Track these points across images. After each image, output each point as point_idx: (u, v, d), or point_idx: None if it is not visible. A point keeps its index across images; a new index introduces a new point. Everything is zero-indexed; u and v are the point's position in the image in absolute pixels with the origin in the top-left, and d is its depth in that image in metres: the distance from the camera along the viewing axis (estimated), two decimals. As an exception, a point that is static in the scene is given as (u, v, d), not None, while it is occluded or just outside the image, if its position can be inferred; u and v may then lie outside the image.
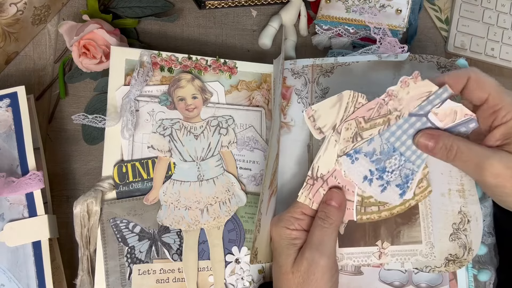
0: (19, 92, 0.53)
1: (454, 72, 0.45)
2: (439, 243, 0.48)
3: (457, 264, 0.47)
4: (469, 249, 0.47)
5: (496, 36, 0.63)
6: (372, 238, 0.48)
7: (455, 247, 0.47)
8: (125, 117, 0.52)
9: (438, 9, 0.65)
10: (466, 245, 0.47)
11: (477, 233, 0.47)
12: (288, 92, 0.54)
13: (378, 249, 0.48)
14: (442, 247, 0.48)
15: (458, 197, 0.48)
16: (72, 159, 0.58)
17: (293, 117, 0.54)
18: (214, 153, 0.53)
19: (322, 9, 0.60)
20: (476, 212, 0.48)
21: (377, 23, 0.56)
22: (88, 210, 0.50)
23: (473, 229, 0.47)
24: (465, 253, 0.47)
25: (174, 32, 0.63)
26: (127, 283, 0.50)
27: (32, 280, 0.49)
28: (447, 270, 0.47)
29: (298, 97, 0.54)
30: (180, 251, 0.51)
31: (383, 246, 0.48)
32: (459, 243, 0.47)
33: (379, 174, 0.47)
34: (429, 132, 0.44)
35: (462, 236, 0.47)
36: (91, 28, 0.54)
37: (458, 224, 0.48)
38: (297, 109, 0.54)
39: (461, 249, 0.47)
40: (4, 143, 0.52)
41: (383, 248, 0.48)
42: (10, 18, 0.54)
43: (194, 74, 0.55)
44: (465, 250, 0.47)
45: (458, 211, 0.48)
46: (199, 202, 0.52)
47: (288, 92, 0.54)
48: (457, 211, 0.48)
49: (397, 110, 0.45)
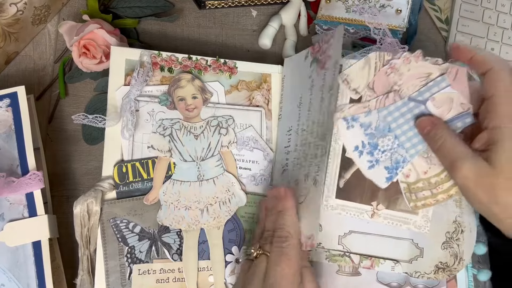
0: (19, 92, 0.53)
1: (481, 56, 0.44)
2: (430, 250, 0.48)
3: (447, 272, 0.47)
4: (460, 258, 0.47)
5: (496, 36, 0.63)
6: (369, 198, 0.48)
7: (446, 255, 0.48)
8: (125, 117, 0.52)
9: (438, 9, 0.65)
10: (457, 255, 0.47)
11: (469, 244, 0.48)
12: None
13: (372, 209, 0.48)
14: (433, 255, 0.48)
15: (454, 207, 0.48)
16: (72, 159, 0.58)
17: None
18: (214, 153, 0.53)
19: (322, 9, 0.60)
20: (470, 223, 0.48)
21: (377, 23, 0.56)
22: (88, 210, 0.50)
23: (466, 239, 0.48)
24: (456, 262, 0.47)
25: (174, 32, 0.63)
26: (127, 283, 0.50)
27: (32, 280, 0.49)
28: (436, 277, 0.48)
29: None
30: (180, 251, 0.51)
31: (377, 207, 0.48)
32: (451, 252, 0.47)
33: (370, 149, 0.47)
34: (431, 118, 0.46)
35: (455, 245, 0.47)
36: (91, 28, 0.54)
37: (452, 233, 0.48)
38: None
39: (452, 258, 0.47)
40: (4, 143, 0.52)
41: (377, 209, 0.48)
42: (10, 18, 0.54)
43: (194, 74, 0.55)
44: (456, 259, 0.47)
45: (453, 220, 0.48)
46: (199, 202, 0.52)
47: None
48: (452, 220, 0.48)
49: (397, 84, 0.46)
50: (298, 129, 0.52)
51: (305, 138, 0.50)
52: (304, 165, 0.49)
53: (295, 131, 0.52)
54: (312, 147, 0.49)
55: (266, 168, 0.54)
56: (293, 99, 0.54)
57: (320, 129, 0.48)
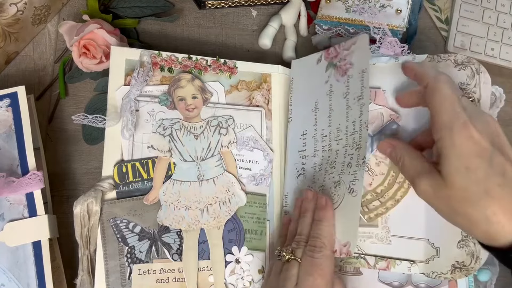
0: (19, 92, 0.53)
1: (420, 71, 0.46)
2: (446, 249, 0.47)
3: (464, 272, 0.46)
4: (477, 257, 0.46)
5: (496, 36, 0.63)
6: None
7: (462, 254, 0.47)
8: (125, 117, 0.52)
9: (438, 9, 0.65)
10: (474, 253, 0.46)
11: None
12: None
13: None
14: (449, 254, 0.47)
15: None
16: (72, 159, 0.58)
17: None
18: (214, 153, 0.53)
19: (322, 9, 0.60)
20: None
21: (377, 23, 0.56)
22: (88, 210, 0.50)
23: None
24: (472, 261, 0.46)
25: (174, 32, 0.63)
26: (127, 283, 0.50)
27: (32, 280, 0.49)
28: (453, 277, 0.47)
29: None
30: (180, 251, 0.51)
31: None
32: (467, 251, 0.47)
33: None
34: (389, 140, 0.48)
35: (471, 244, 0.47)
36: (91, 28, 0.54)
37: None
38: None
39: (468, 257, 0.47)
40: (4, 143, 0.52)
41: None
42: (10, 18, 0.55)
43: (194, 74, 0.55)
44: (473, 258, 0.46)
45: None
46: (199, 202, 0.52)
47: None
48: None
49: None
50: (316, 134, 0.52)
51: (327, 144, 0.51)
52: (332, 172, 0.49)
53: (312, 136, 0.53)
54: (340, 154, 0.49)
55: (266, 168, 0.54)
56: (307, 103, 0.54)
57: (351, 138, 0.49)
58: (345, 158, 0.48)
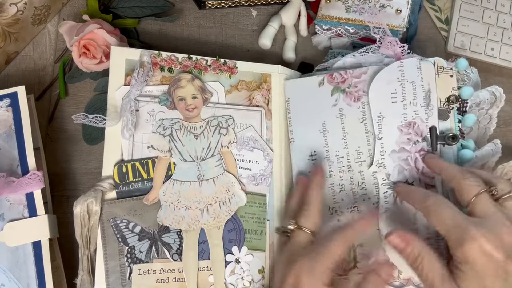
0: (19, 92, 0.53)
1: (412, 195, 0.47)
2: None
3: None
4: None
5: (496, 36, 0.63)
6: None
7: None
8: (125, 117, 0.52)
9: (438, 9, 0.65)
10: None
11: None
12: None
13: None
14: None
15: None
16: (72, 159, 0.58)
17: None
18: (214, 153, 0.53)
19: (322, 9, 0.60)
20: None
21: (377, 23, 0.56)
22: (88, 210, 0.50)
23: None
24: None
25: (174, 32, 0.63)
26: (127, 283, 0.50)
27: (32, 280, 0.49)
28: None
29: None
30: (180, 251, 0.51)
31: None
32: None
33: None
34: (401, 234, 0.43)
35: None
36: (91, 28, 0.54)
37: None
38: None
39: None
40: (4, 143, 0.52)
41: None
42: (10, 18, 0.55)
43: (194, 74, 0.55)
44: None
45: None
46: (199, 202, 0.52)
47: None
48: None
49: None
50: (329, 155, 0.53)
51: (347, 165, 0.52)
52: (357, 191, 0.52)
53: (324, 157, 0.53)
54: (366, 176, 0.52)
55: (266, 168, 0.54)
56: (311, 124, 0.54)
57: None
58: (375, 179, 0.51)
